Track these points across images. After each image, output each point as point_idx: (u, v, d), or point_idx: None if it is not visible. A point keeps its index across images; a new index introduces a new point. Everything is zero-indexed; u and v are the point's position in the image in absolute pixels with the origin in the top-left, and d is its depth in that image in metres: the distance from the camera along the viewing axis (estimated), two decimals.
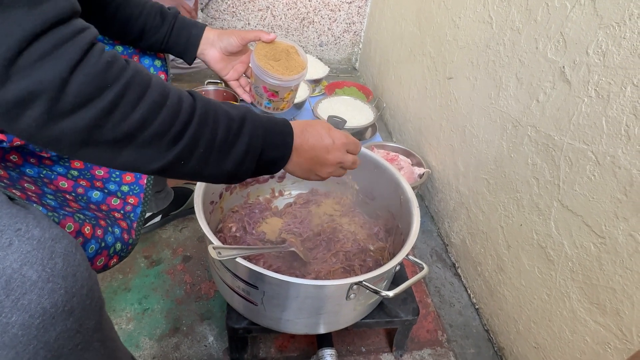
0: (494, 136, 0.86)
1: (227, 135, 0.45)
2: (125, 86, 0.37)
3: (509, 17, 0.81)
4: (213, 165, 0.45)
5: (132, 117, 0.37)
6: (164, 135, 0.40)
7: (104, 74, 0.36)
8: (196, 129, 0.42)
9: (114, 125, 0.37)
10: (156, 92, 0.39)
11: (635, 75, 0.55)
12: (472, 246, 0.95)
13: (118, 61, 0.37)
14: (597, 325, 0.62)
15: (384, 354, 0.82)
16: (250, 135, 0.47)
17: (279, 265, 0.75)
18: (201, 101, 0.43)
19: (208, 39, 0.73)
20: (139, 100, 0.38)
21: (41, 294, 0.34)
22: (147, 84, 0.39)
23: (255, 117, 0.48)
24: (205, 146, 0.43)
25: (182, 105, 0.41)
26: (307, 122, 0.56)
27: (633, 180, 0.56)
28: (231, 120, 0.45)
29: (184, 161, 0.42)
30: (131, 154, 0.39)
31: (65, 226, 0.48)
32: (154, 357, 0.77)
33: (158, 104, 0.39)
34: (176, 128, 0.40)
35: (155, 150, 0.40)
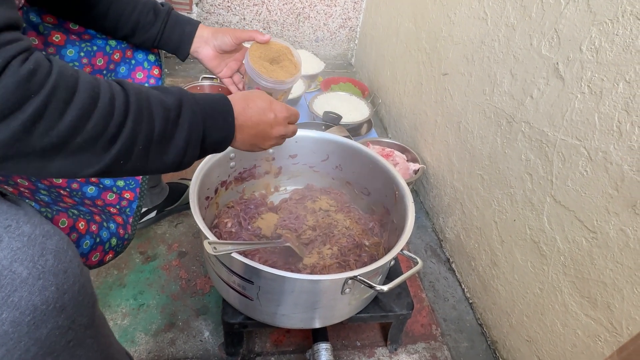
0: (489, 132, 0.86)
1: (165, 127, 0.43)
2: (48, 94, 0.34)
3: (504, 13, 0.81)
4: (154, 160, 0.43)
5: (59, 125, 0.35)
6: (97, 139, 0.38)
7: (25, 84, 0.33)
8: (132, 127, 0.40)
9: (40, 136, 0.34)
10: (85, 95, 0.37)
11: (628, 72, 0.56)
12: (466, 241, 0.96)
13: (41, 67, 0.35)
14: (588, 318, 0.63)
15: (378, 348, 0.82)
16: (189, 123, 0.45)
17: (274, 261, 0.75)
18: (134, 94, 0.41)
19: (202, 37, 0.73)
20: (66, 106, 0.35)
21: (32, 290, 0.34)
22: (73, 87, 0.36)
23: (192, 101, 0.46)
24: (144, 143, 0.41)
25: (114, 104, 0.39)
26: (247, 96, 0.55)
27: (624, 176, 0.56)
28: (167, 110, 0.43)
29: (123, 161, 0.40)
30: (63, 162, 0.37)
31: (58, 222, 0.47)
32: (149, 352, 0.77)
33: (88, 108, 0.37)
34: (111, 130, 0.38)
35: (90, 155, 0.38)
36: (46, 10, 0.62)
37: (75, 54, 0.65)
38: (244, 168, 0.87)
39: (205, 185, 0.75)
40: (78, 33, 0.66)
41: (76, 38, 0.66)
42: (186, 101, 0.46)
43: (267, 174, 0.92)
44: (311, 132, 0.88)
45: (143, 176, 0.68)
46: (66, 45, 0.64)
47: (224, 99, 0.51)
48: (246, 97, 0.55)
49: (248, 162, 0.87)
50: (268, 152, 0.88)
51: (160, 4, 0.71)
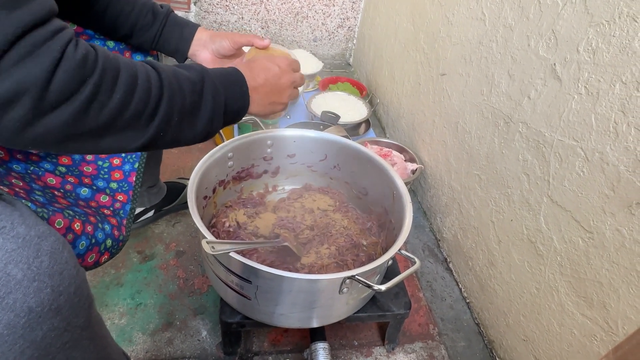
0: (486, 132, 0.87)
1: (194, 98, 0.47)
2: (100, 76, 0.38)
3: (502, 14, 0.81)
4: (188, 130, 0.48)
5: (110, 104, 0.39)
6: (141, 114, 0.42)
7: (82, 68, 0.37)
8: (168, 101, 0.44)
9: (95, 114, 0.38)
10: (126, 75, 0.40)
11: (624, 73, 0.56)
12: (463, 241, 0.96)
13: (90, 53, 0.38)
14: (585, 318, 0.63)
15: (376, 348, 0.83)
16: (212, 93, 0.49)
17: (272, 260, 0.75)
18: (164, 72, 0.45)
19: (200, 40, 0.73)
20: (114, 86, 0.39)
21: (27, 292, 0.34)
22: (117, 68, 0.40)
23: (211, 74, 0.51)
24: (179, 114, 0.45)
25: (151, 81, 0.43)
26: (249, 62, 0.59)
27: (620, 177, 0.57)
28: (193, 83, 0.47)
29: (163, 132, 0.44)
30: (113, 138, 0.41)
31: (54, 222, 0.47)
32: (147, 351, 0.77)
33: (131, 87, 0.41)
34: (151, 105, 0.42)
35: (135, 130, 0.42)
36: None
37: None
38: (242, 167, 0.87)
39: (203, 185, 0.75)
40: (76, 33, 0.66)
41: None
42: (207, 75, 0.50)
43: (265, 173, 0.92)
44: (309, 132, 0.88)
45: (136, 179, 0.68)
46: None
47: (235, 71, 0.55)
48: (248, 62, 0.59)
49: (246, 162, 0.87)
50: (266, 152, 0.88)
51: (160, 6, 0.70)
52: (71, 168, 0.63)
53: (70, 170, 0.63)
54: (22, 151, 0.58)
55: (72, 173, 0.62)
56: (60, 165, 0.62)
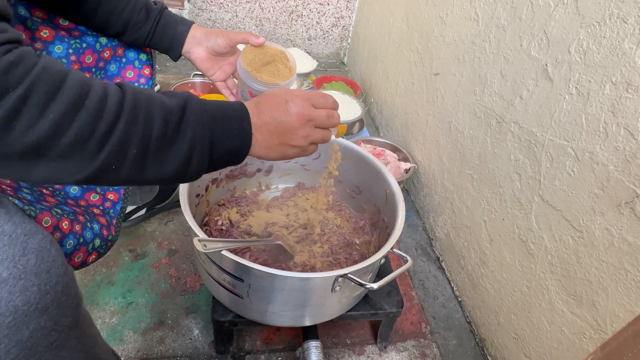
0: (479, 132, 0.87)
1: (165, 131, 0.39)
2: (28, 88, 0.32)
3: (495, 14, 0.82)
4: (153, 168, 0.39)
5: (40, 123, 0.32)
6: (85, 141, 0.35)
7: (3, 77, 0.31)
8: (125, 129, 0.36)
9: (20, 134, 0.32)
10: (71, 92, 0.34)
11: (614, 74, 0.57)
12: (456, 240, 0.97)
13: (24, 61, 0.32)
14: (574, 316, 0.64)
15: (368, 346, 0.83)
16: (193, 128, 0.41)
17: (265, 258, 0.75)
18: (131, 95, 0.38)
19: (195, 37, 0.72)
20: (48, 102, 0.33)
21: (12, 291, 0.33)
22: (58, 83, 0.33)
23: (198, 105, 0.42)
24: (139, 147, 0.38)
25: (106, 103, 0.36)
26: (261, 96, 0.50)
27: (610, 176, 0.57)
28: (168, 113, 0.40)
29: (116, 166, 0.37)
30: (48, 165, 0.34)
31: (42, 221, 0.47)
32: (138, 350, 0.76)
33: (73, 106, 0.34)
34: (100, 131, 0.35)
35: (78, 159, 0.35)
36: (35, 4, 0.61)
37: (63, 50, 0.64)
38: (235, 166, 0.87)
39: (196, 183, 0.75)
40: (68, 29, 0.65)
41: (65, 34, 0.65)
42: (192, 105, 0.42)
43: (259, 171, 0.92)
44: None
45: None
46: (54, 42, 0.63)
47: (238, 106, 0.46)
48: (259, 99, 0.50)
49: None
50: None
51: (153, 2, 0.70)
52: None
53: None
54: None
55: None
56: None
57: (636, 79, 0.54)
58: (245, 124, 0.46)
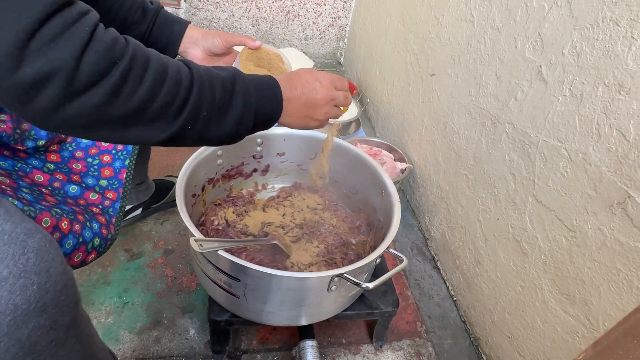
0: (474, 132, 0.88)
1: (224, 96, 0.46)
2: (130, 60, 0.38)
3: (490, 16, 0.82)
4: (216, 127, 0.47)
5: (140, 90, 0.38)
6: (170, 104, 0.41)
7: (111, 50, 0.37)
8: (197, 95, 0.43)
9: (124, 100, 0.38)
10: (157, 64, 0.40)
11: (607, 76, 0.57)
12: (451, 240, 0.98)
13: (120, 38, 0.38)
14: (567, 315, 0.64)
15: (364, 345, 0.83)
16: (243, 93, 0.48)
17: (261, 258, 0.76)
18: (195, 67, 0.45)
19: (192, 37, 0.72)
20: (144, 73, 0.39)
21: (12, 290, 0.34)
22: (148, 57, 0.40)
23: (243, 75, 0.50)
24: (208, 109, 0.45)
25: (181, 74, 0.42)
26: (290, 73, 0.58)
27: (602, 177, 0.58)
28: (224, 80, 0.47)
29: (190, 126, 0.44)
30: (142, 128, 0.40)
31: (41, 221, 0.47)
32: (134, 350, 0.76)
33: (161, 76, 0.40)
34: (180, 97, 0.42)
35: (163, 121, 0.41)
36: None
37: None
38: (232, 165, 0.87)
39: (192, 183, 0.75)
40: None
41: None
42: (238, 75, 0.49)
43: (255, 171, 0.92)
44: (299, 131, 0.88)
45: (126, 176, 0.68)
46: None
47: (270, 78, 0.54)
48: (288, 74, 0.58)
49: (235, 160, 0.87)
50: (256, 150, 0.88)
51: (150, 2, 0.70)
52: (60, 165, 0.62)
53: (59, 167, 0.62)
54: (10, 148, 0.57)
55: (61, 170, 0.62)
56: (49, 162, 0.61)
57: (628, 81, 0.54)
58: (278, 92, 0.54)
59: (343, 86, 0.62)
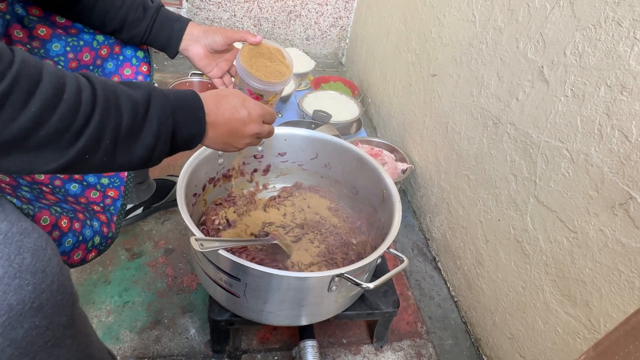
0: (475, 133, 0.88)
1: (134, 121, 0.42)
2: (10, 83, 0.32)
3: (492, 16, 0.82)
4: (122, 155, 0.42)
5: (22, 117, 0.33)
6: (63, 132, 0.36)
7: None
8: (99, 121, 0.38)
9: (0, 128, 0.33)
10: (49, 86, 0.35)
11: (609, 77, 0.57)
12: (452, 240, 0.97)
13: (3, 56, 0.33)
14: (568, 316, 0.64)
15: (364, 346, 0.83)
16: (158, 117, 0.44)
17: (261, 258, 0.75)
18: (101, 87, 0.40)
19: (192, 35, 0.72)
20: (29, 97, 0.34)
21: (7, 290, 0.33)
22: (37, 77, 0.34)
23: (161, 95, 0.46)
24: (112, 137, 0.40)
25: (81, 96, 0.37)
26: (219, 94, 0.54)
27: (604, 178, 0.58)
28: (135, 104, 0.42)
29: (89, 155, 0.39)
30: (24, 156, 0.35)
31: (40, 219, 0.47)
32: (134, 349, 0.76)
33: (53, 100, 0.35)
34: (77, 123, 0.37)
35: (53, 150, 0.36)
36: (32, 2, 0.61)
37: (61, 48, 0.63)
38: (233, 165, 0.87)
39: (193, 182, 0.75)
40: (64, 27, 0.65)
41: (62, 32, 0.65)
42: (155, 96, 0.45)
43: (256, 171, 0.92)
44: (300, 131, 0.88)
45: (128, 174, 0.68)
46: (52, 40, 0.63)
47: (193, 95, 0.50)
48: (218, 94, 0.54)
49: (237, 160, 0.87)
50: (257, 149, 0.88)
51: (150, 0, 0.70)
52: None
53: None
54: None
55: None
56: None
57: (630, 82, 0.54)
58: (201, 114, 0.50)
59: (271, 120, 0.61)
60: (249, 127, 0.56)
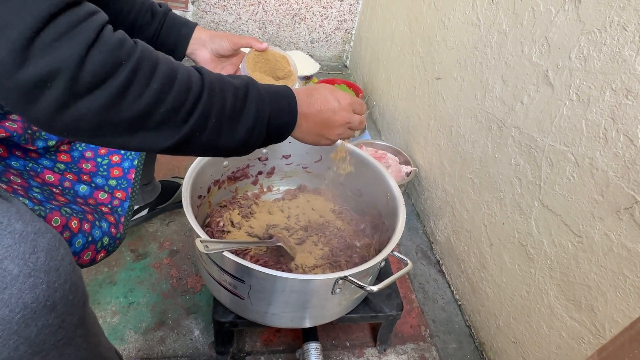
0: (480, 136, 0.88)
1: (235, 103, 0.45)
2: (137, 62, 0.37)
3: (497, 20, 0.82)
4: (226, 135, 0.45)
5: (146, 93, 0.38)
6: (178, 109, 0.40)
7: (117, 51, 0.36)
8: (207, 100, 0.42)
9: (130, 103, 0.37)
10: (166, 67, 0.40)
11: (614, 81, 0.57)
12: (456, 244, 0.97)
13: (127, 39, 0.38)
14: (573, 321, 0.64)
15: (368, 349, 0.83)
16: (256, 101, 0.47)
17: (265, 260, 0.76)
18: (207, 73, 0.44)
19: (200, 39, 0.73)
20: (151, 75, 0.38)
21: (22, 288, 0.34)
22: (156, 60, 0.39)
23: (257, 84, 0.49)
24: (217, 116, 0.44)
25: (192, 79, 0.42)
26: (311, 87, 0.56)
27: (609, 182, 0.58)
28: (236, 88, 0.46)
29: (199, 133, 0.43)
30: (147, 133, 0.39)
31: (51, 220, 0.47)
32: (139, 350, 0.77)
33: (169, 79, 0.40)
34: (189, 101, 0.41)
35: (170, 126, 0.40)
36: None
37: None
38: (237, 167, 0.87)
39: (198, 184, 0.75)
40: None
41: None
42: (252, 84, 0.48)
43: (260, 174, 0.92)
44: None
45: (135, 176, 0.68)
46: None
47: (286, 88, 0.53)
48: (309, 88, 0.56)
49: (241, 162, 0.87)
50: (262, 152, 0.89)
51: (158, 5, 0.71)
52: (70, 165, 0.63)
53: (69, 167, 0.63)
54: (21, 148, 0.58)
55: (71, 170, 0.62)
56: (59, 162, 0.62)
57: (636, 86, 0.54)
58: (293, 103, 0.52)
59: (361, 110, 0.61)
60: (340, 116, 0.56)
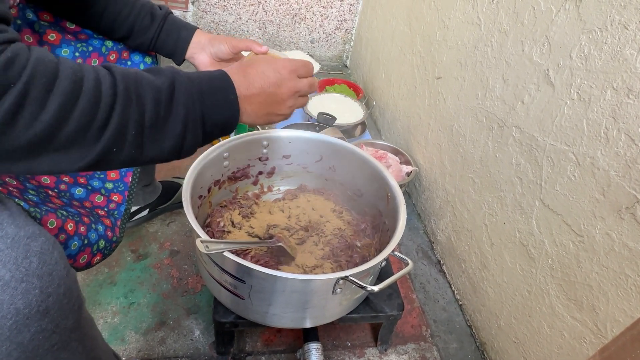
0: (480, 136, 0.87)
1: (157, 110, 0.40)
2: (27, 82, 0.32)
3: (497, 19, 0.82)
4: (151, 147, 0.40)
5: (43, 115, 0.33)
6: (86, 127, 0.36)
7: (3, 74, 0.31)
8: (121, 111, 0.37)
9: (24, 128, 0.33)
10: (67, 82, 0.34)
11: (615, 80, 0.57)
12: (457, 244, 0.97)
13: (19, 56, 0.33)
14: (574, 320, 0.64)
15: (368, 349, 0.83)
16: (184, 104, 0.42)
17: (266, 260, 0.76)
18: (121, 77, 0.38)
19: (199, 42, 0.73)
20: (48, 94, 0.33)
21: (14, 294, 0.33)
22: (54, 74, 0.34)
23: (186, 80, 0.43)
24: (137, 128, 0.38)
25: (100, 88, 0.36)
26: (245, 65, 0.51)
27: (610, 181, 0.58)
28: (158, 91, 0.40)
29: (117, 149, 0.38)
30: (52, 156, 0.35)
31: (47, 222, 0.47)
32: (139, 350, 0.77)
33: (72, 94, 0.35)
34: (100, 117, 0.36)
35: (80, 147, 0.36)
36: (43, 7, 0.62)
37: (70, 53, 0.64)
38: (238, 168, 0.87)
39: (199, 184, 0.75)
40: (74, 32, 0.66)
41: (72, 38, 0.65)
42: (179, 81, 0.42)
43: (260, 174, 0.92)
44: (305, 133, 0.88)
45: (132, 179, 0.68)
46: (61, 45, 0.64)
47: (221, 75, 0.47)
48: (242, 64, 0.51)
49: (242, 162, 0.87)
50: (262, 152, 0.88)
51: (158, 7, 0.71)
52: None
53: None
54: None
55: None
56: None
57: (637, 85, 0.54)
58: (232, 95, 0.47)
59: (307, 72, 0.55)
60: (285, 87, 0.51)
